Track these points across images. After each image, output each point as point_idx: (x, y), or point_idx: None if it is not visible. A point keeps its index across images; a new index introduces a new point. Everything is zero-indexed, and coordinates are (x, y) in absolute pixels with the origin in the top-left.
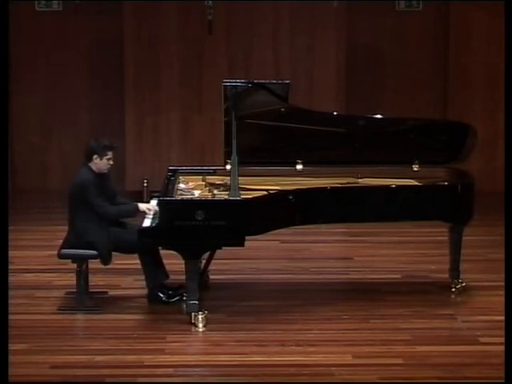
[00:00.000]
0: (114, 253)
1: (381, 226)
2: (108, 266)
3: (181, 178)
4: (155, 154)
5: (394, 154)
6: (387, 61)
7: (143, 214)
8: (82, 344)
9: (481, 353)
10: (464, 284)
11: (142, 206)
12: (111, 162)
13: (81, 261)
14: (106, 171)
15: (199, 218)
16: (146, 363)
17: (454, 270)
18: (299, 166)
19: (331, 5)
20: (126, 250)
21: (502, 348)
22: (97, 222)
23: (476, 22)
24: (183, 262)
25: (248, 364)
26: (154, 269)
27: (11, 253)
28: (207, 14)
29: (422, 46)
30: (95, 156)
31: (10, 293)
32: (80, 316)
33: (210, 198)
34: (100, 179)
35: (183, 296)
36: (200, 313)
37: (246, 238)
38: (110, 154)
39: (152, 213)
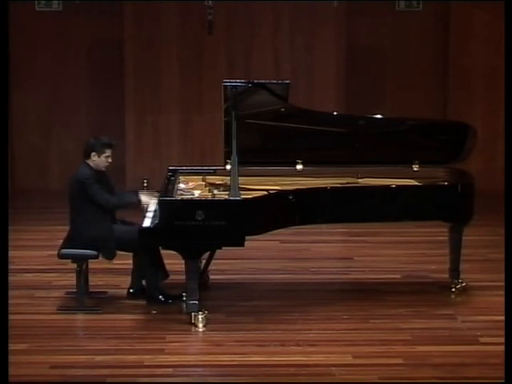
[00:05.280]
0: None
1: (381, 226)
2: (108, 266)
3: (181, 177)
4: (155, 154)
5: (394, 153)
6: (387, 61)
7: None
8: (82, 344)
9: (481, 353)
10: (464, 284)
11: (145, 200)
12: (109, 160)
13: (81, 261)
14: (103, 169)
15: (199, 218)
16: (145, 363)
17: (454, 270)
18: (299, 166)
19: (331, 5)
20: (129, 248)
21: (502, 348)
22: (99, 217)
23: (476, 21)
24: (183, 261)
25: (248, 364)
26: (154, 269)
27: (11, 253)
28: (207, 14)
29: (422, 46)
30: (93, 153)
31: (10, 293)
32: (80, 316)
33: (209, 197)
34: (98, 175)
35: (182, 297)
36: (200, 313)
37: (246, 238)
38: (108, 152)
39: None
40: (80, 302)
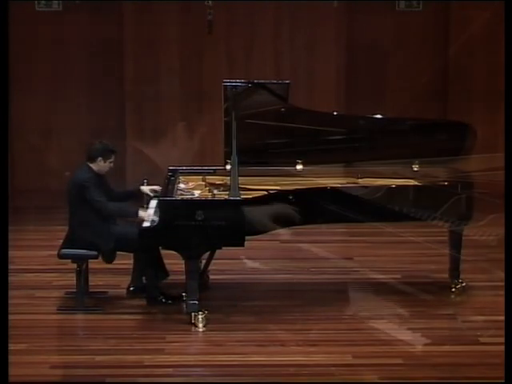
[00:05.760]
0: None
1: (381, 226)
2: (108, 266)
3: (181, 177)
4: (155, 154)
5: (394, 153)
6: (387, 61)
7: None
8: (82, 344)
9: (481, 353)
10: (464, 284)
11: (142, 214)
12: (112, 165)
13: (81, 261)
14: (104, 173)
15: (199, 218)
16: (145, 363)
17: (454, 270)
18: (299, 166)
19: (331, 4)
20: (129, 248)
21: (502, 348)
22: (98, 220)
23: (476, 21)
24: (183, 261)
25: (248, 364)
26: (153, 269)
27: (11, 253)
28: (207, 13)
29: (422, 46)
30: (100, 158)
31: (10, 293)
32: (80, 316)
33: (209, 197)
34: (97, 178)
35: (182, 297)
36: (200, 313)
37: (246, 238)
38: (112, 158)
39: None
40: (80, 302)
